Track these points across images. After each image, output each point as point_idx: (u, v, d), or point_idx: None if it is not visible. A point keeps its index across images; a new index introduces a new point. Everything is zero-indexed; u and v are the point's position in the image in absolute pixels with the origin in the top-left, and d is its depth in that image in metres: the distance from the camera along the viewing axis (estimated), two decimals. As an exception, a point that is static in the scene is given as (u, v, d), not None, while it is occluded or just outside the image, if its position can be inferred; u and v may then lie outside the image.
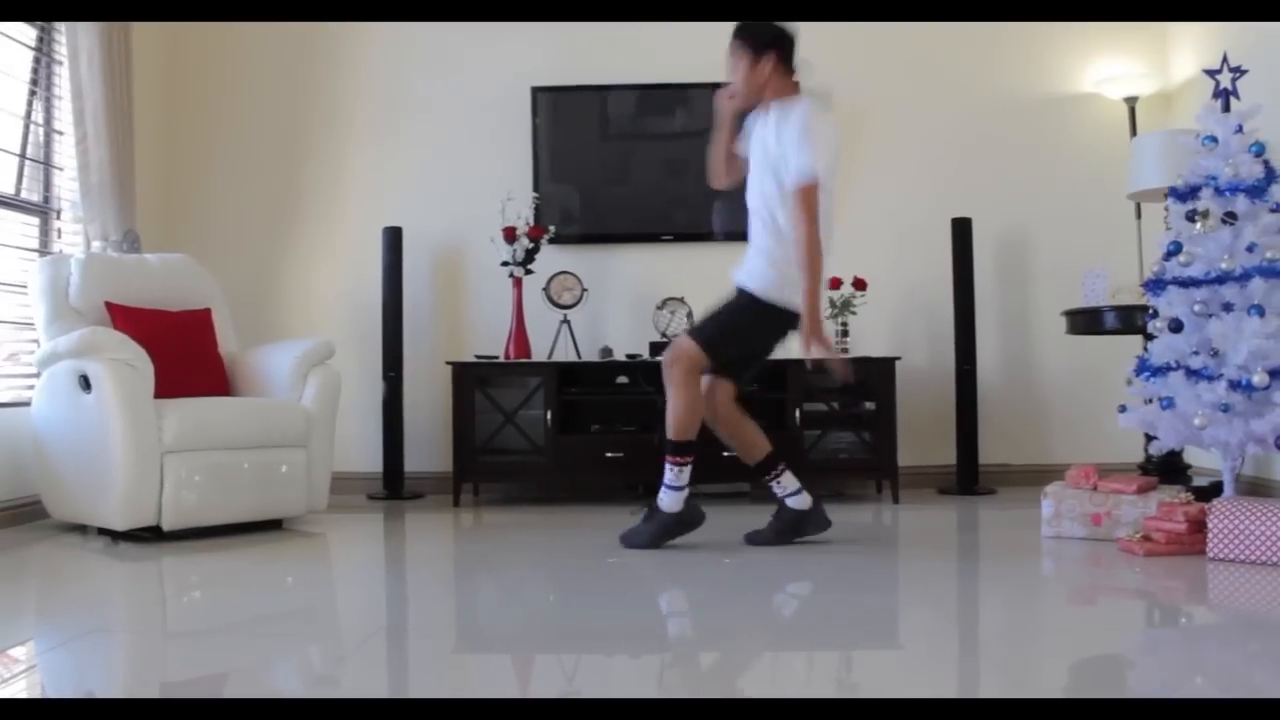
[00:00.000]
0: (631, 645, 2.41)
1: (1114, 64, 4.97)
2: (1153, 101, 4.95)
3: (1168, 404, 3.48)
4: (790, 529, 3.45)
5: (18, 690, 2.15)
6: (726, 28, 3.40)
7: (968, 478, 4.79)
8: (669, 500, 3.37)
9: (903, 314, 5.10)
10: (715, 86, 5.01)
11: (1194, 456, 4.49)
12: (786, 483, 3.43)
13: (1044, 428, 5.07)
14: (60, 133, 4.45)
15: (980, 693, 2.11)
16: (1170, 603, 2.93)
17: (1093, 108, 5.05)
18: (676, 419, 3.31)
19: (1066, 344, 4.82)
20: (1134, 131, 4.84)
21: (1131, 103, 4.90)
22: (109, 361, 3.61)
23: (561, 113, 5.10)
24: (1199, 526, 3.27)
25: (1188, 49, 4.82)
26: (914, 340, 5.08)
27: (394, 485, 4.84)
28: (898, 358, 4.59)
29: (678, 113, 5.12)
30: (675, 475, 3.34)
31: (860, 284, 4.70)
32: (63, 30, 4.33)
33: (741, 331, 3.39)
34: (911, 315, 5.10)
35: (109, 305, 3.99)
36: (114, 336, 3.69)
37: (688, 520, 3.41)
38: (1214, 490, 3.76)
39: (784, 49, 3.36)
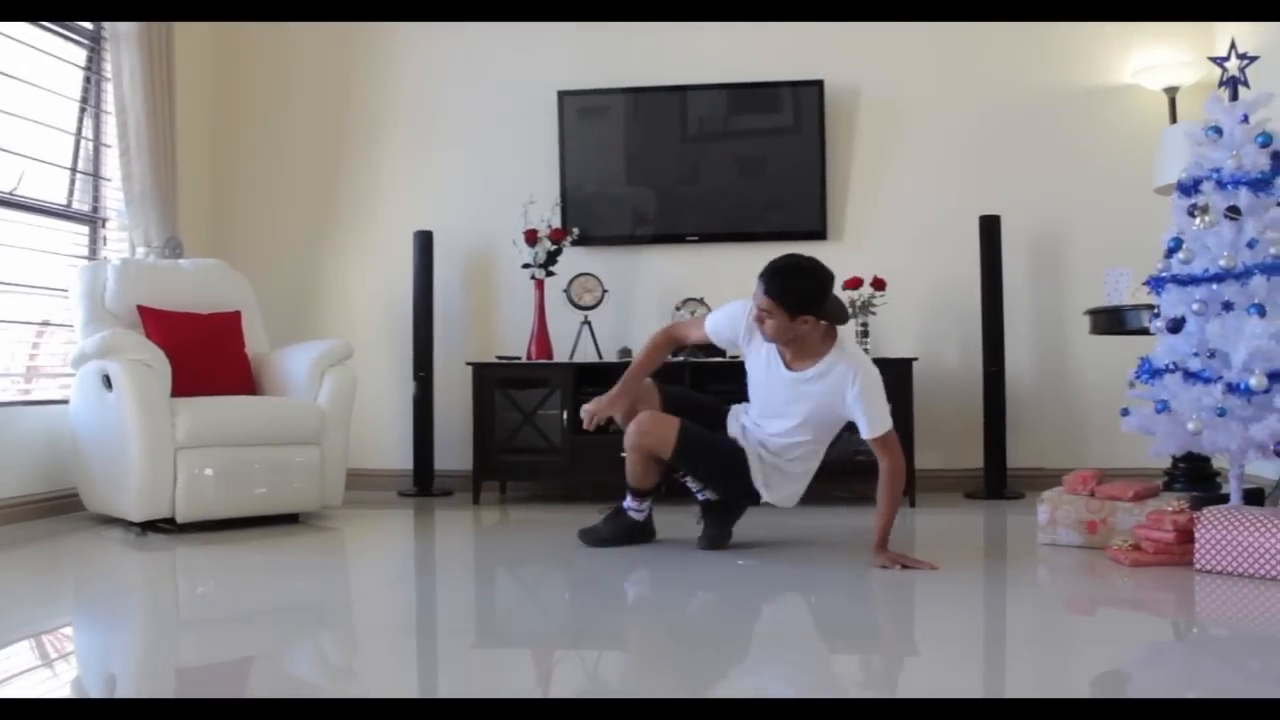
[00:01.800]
0: (637, 645, 2.48)
1: (1154, 53, 4.76)
2: (1196, 91, 4.69)
3: (1162, 407, 3.34)
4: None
5: (37, 674, 2.31)
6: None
7: (995, 482, 4.67)
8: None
9: (932, 314, 4.99)
10: (740, 88, 5.08)
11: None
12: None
13: (1078, 431, 4.90)
14: (108, 146, 4.71)
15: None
16: (1146, 618, 2.81)
17: (1131, 99, 4.86)
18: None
19: (1101, 345, 4.64)
20: (1175, 124, 4.63)
21: (1172, 93, 4.70)
22: (128, 362, 3.83)
23: (589, 116, 5.16)
24: (1188, 536, 3.13)
25: (1236, 33, 4.57)
26: (944, 341, 4.97)
27: (424, 482, 4.98)
28: (914, 359, 4.50)
29: (703, 115, 5.12)
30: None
31: (879, 284, 4.62)
32: (109, 49, 4.60)
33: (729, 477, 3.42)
34: (942, 316, 4.98)
35: (141, 309, 4.22)
36: (132, 338, 3.92)
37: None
38: (1249, 498, 3.58)
39: (822, 311, 3.18)
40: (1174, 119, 4.66)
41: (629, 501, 3.51)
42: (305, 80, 5.44)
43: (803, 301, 3.13)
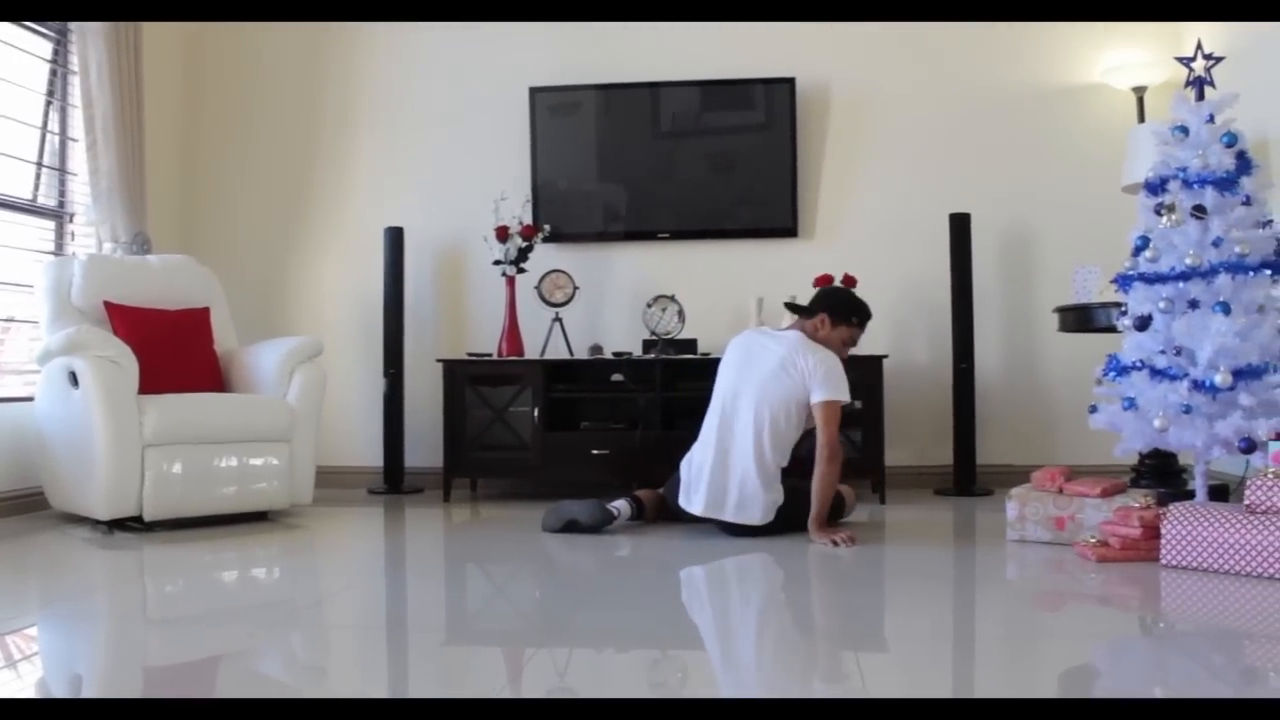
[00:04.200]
0: (608, 642, 2.46)
1: (1123, 53, 4.81)
2: (1163, 91, 4.74)
3: (1129, 404, 3.37)
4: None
5: (1, 675, 2.29)
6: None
7: (965, 478, 4.70)
8: None
9: (902, 311, 5.02)
10: (712, 84, 5.07)
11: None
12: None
13: (1049, 428, 4.94)
14: (74, 140, 4.66)
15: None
16: (1113, 614, 2.83)
17: (1100, 98, 4.91)
18: None
19: (1070, 342, 4.69)
20: (1143, 123, 4.67)
21: (1140, 93, 4.74)
22: (94, 359, 3.79)
23: (560, 112, 5.15)
24: (1154, 532, 3.16)
25: (1203, 35, 4.62)
26: (914, 338, 5.00)
27: (394, 480, 4.95)
28: (884, 356, 4.53)
29: (676, 111, 5.12)
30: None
31: (850, 281, 4.64)
32: (75, 43, 4.55)
33: None
34: (912, 313, 5.01)
35: (108, 305, 4.18)
36: (99, 335, 3.87)
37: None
38: (1214, 494, 3.62)
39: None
40: (1141, 118, 4.70)
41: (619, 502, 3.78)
42: (275, 75, 5.40)
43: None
